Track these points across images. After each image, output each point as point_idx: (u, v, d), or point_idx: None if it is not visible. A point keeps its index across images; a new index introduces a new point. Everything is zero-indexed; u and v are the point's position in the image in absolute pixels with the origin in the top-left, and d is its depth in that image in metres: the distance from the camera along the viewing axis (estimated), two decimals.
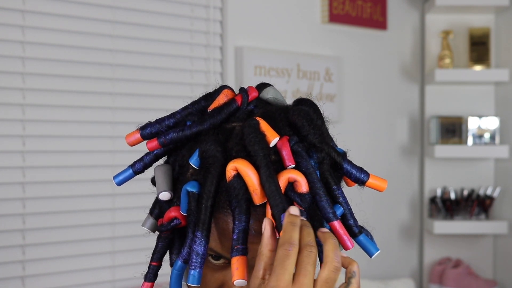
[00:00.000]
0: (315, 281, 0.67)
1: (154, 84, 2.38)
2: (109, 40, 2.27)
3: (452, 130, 3.01)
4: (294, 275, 0.67)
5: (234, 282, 0.70)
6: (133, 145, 0.83)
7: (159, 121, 0.82)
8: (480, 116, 3.00)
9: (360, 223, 0.81)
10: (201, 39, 2.49)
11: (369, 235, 0.79)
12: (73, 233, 2.20)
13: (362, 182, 0.80)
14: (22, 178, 2.10)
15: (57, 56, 2.16)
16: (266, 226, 0.70)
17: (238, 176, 0.72)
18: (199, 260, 0.73)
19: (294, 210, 0.70)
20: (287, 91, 2.67)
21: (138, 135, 0.82)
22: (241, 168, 0.72)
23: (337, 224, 0.75)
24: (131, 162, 0.85)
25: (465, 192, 3.03)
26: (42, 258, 2.14)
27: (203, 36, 2.50)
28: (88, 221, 2.23)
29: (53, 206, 2.16)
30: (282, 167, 0.74)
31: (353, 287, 0.70)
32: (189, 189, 0.75)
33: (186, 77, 2.46)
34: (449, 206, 3.00)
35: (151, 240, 0.82)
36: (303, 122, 0.76)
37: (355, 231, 0.79)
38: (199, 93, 0.87)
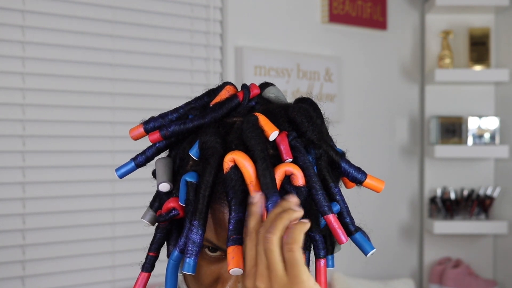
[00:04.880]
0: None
1: (154, 84, 2.38)
2: (109, 40, 2.27)
3: (452, 130, 3.00)
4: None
5: (230, 271, 0.70)
6: (137, 139, 0.85)
7: (162, 115, 0.84)
8: (480, 116, 3.00)
9: (359, 224, 0.81)
10: (201, 39, 2.49)
11: (365, 235, 0.80)
12: (73, 233, 2.20)
13: (359, 182, 0.81)
14: (22, 178, 2.10)
15: (57, 56, 2.17)
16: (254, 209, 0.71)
17: (236, 168, 0.73)
18: (195, 248, 0.73)
19: (289, 201, 0.70)
20: (287, 91, 2.67)
21: (141, 129, 0.84)
22: (238, 159, 0.73)
23: (332, 217, 0.75)
24: None
25: (465, 192, 3.03)
26: (42, 258, 2.14)
27: (203, 36, 2.50)
28: (88, 221, 2.23)
29: (53, 206, 2.16)
30: (280, 161, 0.75)
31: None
32: (188, 179, 0.76)
33: (186, 77, 2.46)
34: (449, 206, 3.00)
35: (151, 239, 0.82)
36: (302, 118, 0.77)
37: (351, 229, 0.79)
38: (199, 93, 0.88)
